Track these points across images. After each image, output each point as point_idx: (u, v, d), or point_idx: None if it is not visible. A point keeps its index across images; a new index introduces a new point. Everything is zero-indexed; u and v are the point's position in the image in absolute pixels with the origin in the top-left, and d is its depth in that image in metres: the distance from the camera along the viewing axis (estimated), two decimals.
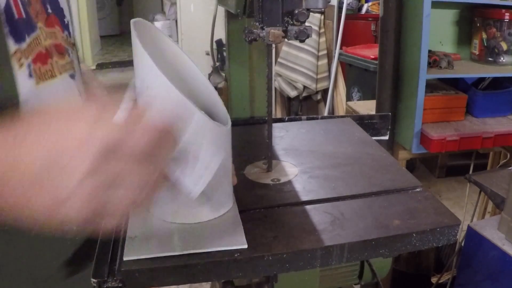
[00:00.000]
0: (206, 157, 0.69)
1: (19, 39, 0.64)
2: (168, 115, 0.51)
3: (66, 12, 0.79)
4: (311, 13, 0.80)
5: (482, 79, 2.08)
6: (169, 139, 0.51)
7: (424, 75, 1.77)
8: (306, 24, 0.80)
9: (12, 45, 0.62)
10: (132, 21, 0.68)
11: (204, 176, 0.66)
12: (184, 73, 0.77)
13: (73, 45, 0.81)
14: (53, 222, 0.47)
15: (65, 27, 0.78)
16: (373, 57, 2.80)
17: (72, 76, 0.77)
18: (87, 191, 0.46)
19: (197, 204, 0.72)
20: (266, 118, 0.90)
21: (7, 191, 0.47)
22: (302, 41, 0.80)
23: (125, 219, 0.74)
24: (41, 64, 0.68)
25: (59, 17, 0.77)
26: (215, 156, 0.70)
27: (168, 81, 0.63)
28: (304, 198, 0.82)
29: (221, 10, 1.43)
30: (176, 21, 4.82)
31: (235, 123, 0.75)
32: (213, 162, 0.70)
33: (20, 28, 0.65)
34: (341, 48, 3.27)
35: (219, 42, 3.84)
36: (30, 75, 0.65)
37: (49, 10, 0.73)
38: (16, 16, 0.64)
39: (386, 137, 1.20)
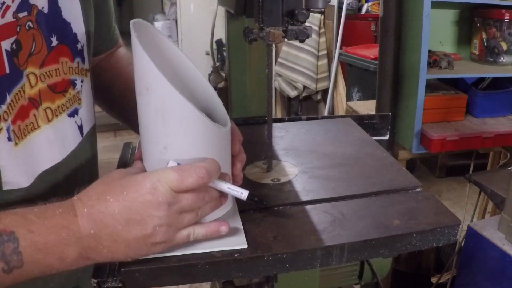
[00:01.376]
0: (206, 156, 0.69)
1: None
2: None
3: (81, 37, 0.75)
4: (311, 13, 0.80)
5: (482, 79, 2.08)
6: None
7: (424, 75, 1.77)
8: (306, 24, 0.80)
9: None
10: (131, 22, 0.68)
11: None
12: (183, 74, 0.77)
13: (87, 71, 0.78)
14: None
15: (77, 54, 0.75)
16: (373, 57, 2.80)
17: (74, 112, 0.76)
18: (167, 221, 0.60)
19: None
20: (266, 118, 0.90)
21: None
22: (302, 41, 0.80)
23: None
24: (21, 121, 0.65)
25: (69, 46, 0.73)
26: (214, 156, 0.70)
27: (168, 83, 0.63)
28: (304, 198, 0.82)
29: (221, 10, 1.44)
30: (176, 21, 4.82)
31: (235, 123, 0.75)
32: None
33: (1, 88, 0.61)
34: (341, 48, 3.28)
35: (219, 42, 3.84)
36: (9, 139, 0.63)
37: (54, 43, 0.70)
38: None
39: (386, 137, 1.20)
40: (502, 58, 1.97)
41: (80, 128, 0.78)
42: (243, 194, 0.68)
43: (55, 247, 0.56)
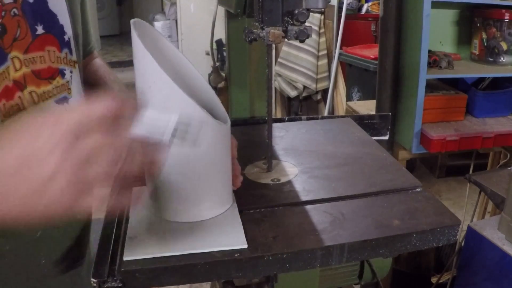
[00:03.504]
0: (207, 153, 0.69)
1: None
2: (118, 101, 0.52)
3: (67, 28, 0.77)
4: (311, 13, 0.80)
5: (482, 79, 2.08)
6: (124, 116, 0.53)
7: (424, 75, 1.77)
8: (306, 24, 0.80)
9: None
10: (132, 21, 0.68)
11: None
12: (182, 73, 0.77)
13: (75, 62, 0.79)
14: (38, 210, 0.49)
15: (64, 44, 0.76)
16: (373, 57, 2.80)
17: (63, 100, 0.75)
18: (66, 171, 0.48)
19: (197, 201, 0.73)
20: (266, 118, 0.90)
21: None
22: (302, 41, 0.80)
23: (125, 216, 0.75)
24: (5, 100, 0.66)
25: (56, 36, 0.74)
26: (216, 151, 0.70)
27: (171, 80, 0.63)
28: (304, 198, 0.82)
29: (221, 10, 1.43)
30: (176, 21, 4.82)
31: (235, 123, 0.75)
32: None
33: None
34: (341, 48, 3.27)
35: (219, 42, 3.83)
36: None
37: (40, 31, 0.71)
38: None
39: (386, 137, 1.20)
40: (502, 58, 1.96)
41: None
42: (165, 135, 0.54)
43: None
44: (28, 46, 0.70)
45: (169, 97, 0.65)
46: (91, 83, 0.91)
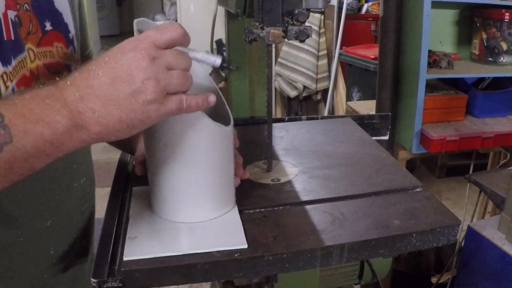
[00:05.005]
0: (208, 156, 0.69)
1: (6, 61, 0.64)
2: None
3: (71, 27, 0.79)
4: (311, 13, 0.80)
5: (482, 79, 2.08)
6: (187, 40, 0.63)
7: (424, 75, 1.77)
8: (306, 24, 0.80)
9: None
10: (135, 21, 0.68)
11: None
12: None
13: (78, 60, 0.80)
14: (135, 110, 0.57)
15: (70, 42, 0.78)
16: (373, 57, 2.80)
17: None
18: (153, 78, 0.57)
19: (198, 203, 0.73)
20: (266, 118, 0.90)
21: None
22: (302, 41, 0.80)
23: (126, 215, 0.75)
24: (23, 87, 0.67)
25: (63, 33, 0.77)
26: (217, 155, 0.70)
27: None
28: (304, 198, 0.82)
29: (221, 10, 1.44)
30: (176, 21, 4.82)
31: (235, 123, 0.75)
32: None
33: (7, 51, 0.65)
34: (341, 48, 3.27)
35: (219, 42, 3.83)
36: None
37: (48, 28, 0.73)
38: (5, 37, 0.64)
39: (386, 137, 1.20)
40: (502, 58, 1.97)
41: None
42: (217, 60, 0.66)
43: (42, 113, 0.54)
44: (39, 41, 0.72)
45: None
46: None
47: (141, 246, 0.67)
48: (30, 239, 0.75)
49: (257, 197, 0.82)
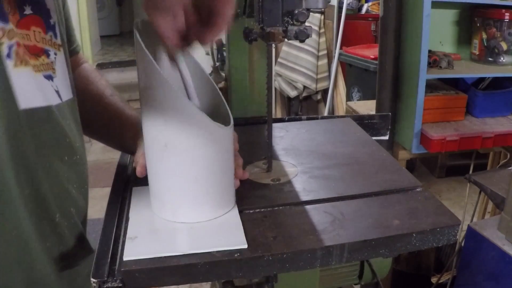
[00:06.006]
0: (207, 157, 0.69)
1: (3, 19, 0.66)
2: None
3: (53, 13, 0.79)
4: (311, 13, 0.80)
5: (482, 79, 2.08)
6: None
7: (424, 75, 1.77)
8: (306, 24, 0.80)
9: None
10: (135, 21, 0.68)
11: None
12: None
13: (60, 46, 0.80)
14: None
15: (50, 27, 0.78)
16: (373, 57, 2.81)
17: (49, 77, 0.77)
18: None
19: (197, 203, 0.73)
20: (266, 118, 0.90)
21: None
22: (302, 41, 0.80)
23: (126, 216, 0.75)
24: (22, 50, 0.69)
25: (43, 18, 0.76)
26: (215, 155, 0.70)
27: (168, 81, 0.63)
28: (304, 198, 0.82)
29: None
30: None
31: (235, 123, 0.75)
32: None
33: (5, 11, 0.66)
34: (341, 48, 3.27)
35: (219, 42, 3.83)
36: (8, 56, 0.67)
37: (26, 12, 0.73)
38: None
39: (386, 137, 1.20)
40: (502, 58, 1.96)
41: (58, 93, 0.79)
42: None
43: None
44: (17, 23, 0.72)
45: (167, 99, 0.65)
46: (82, 88, 0.92)
47: (141, 246, 0.67)
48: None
49: (257, 197, 0.82)
